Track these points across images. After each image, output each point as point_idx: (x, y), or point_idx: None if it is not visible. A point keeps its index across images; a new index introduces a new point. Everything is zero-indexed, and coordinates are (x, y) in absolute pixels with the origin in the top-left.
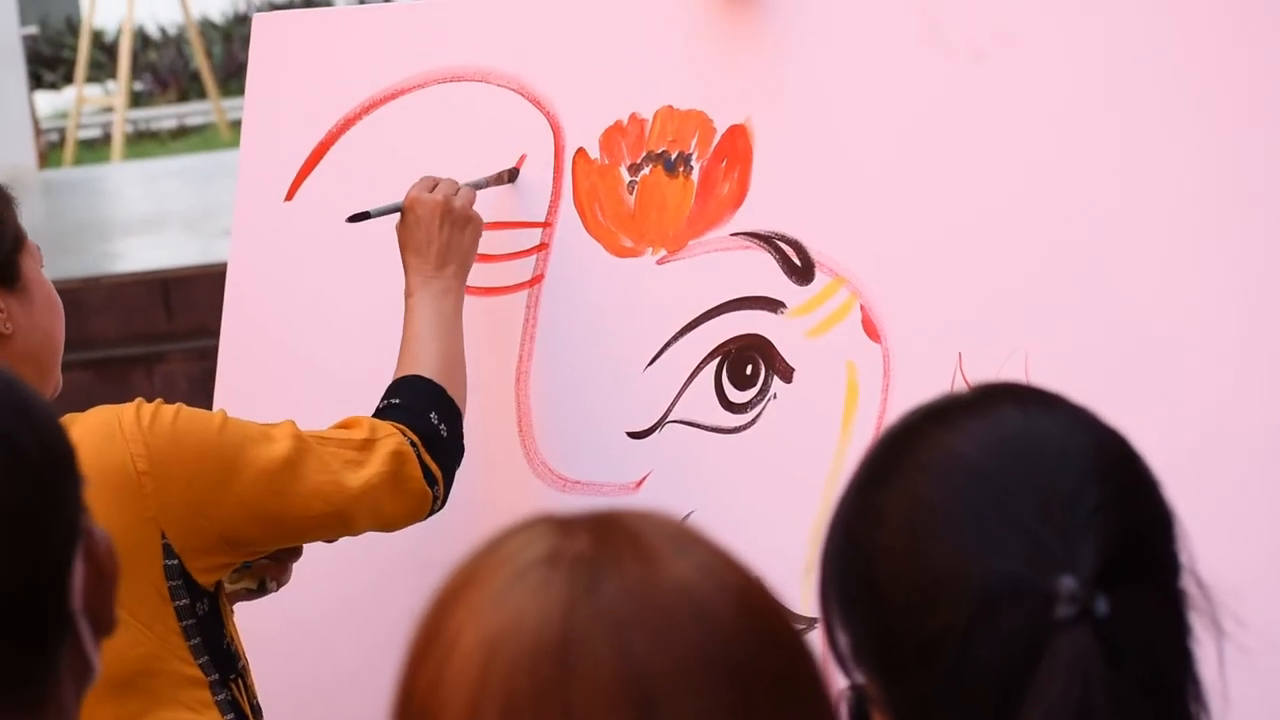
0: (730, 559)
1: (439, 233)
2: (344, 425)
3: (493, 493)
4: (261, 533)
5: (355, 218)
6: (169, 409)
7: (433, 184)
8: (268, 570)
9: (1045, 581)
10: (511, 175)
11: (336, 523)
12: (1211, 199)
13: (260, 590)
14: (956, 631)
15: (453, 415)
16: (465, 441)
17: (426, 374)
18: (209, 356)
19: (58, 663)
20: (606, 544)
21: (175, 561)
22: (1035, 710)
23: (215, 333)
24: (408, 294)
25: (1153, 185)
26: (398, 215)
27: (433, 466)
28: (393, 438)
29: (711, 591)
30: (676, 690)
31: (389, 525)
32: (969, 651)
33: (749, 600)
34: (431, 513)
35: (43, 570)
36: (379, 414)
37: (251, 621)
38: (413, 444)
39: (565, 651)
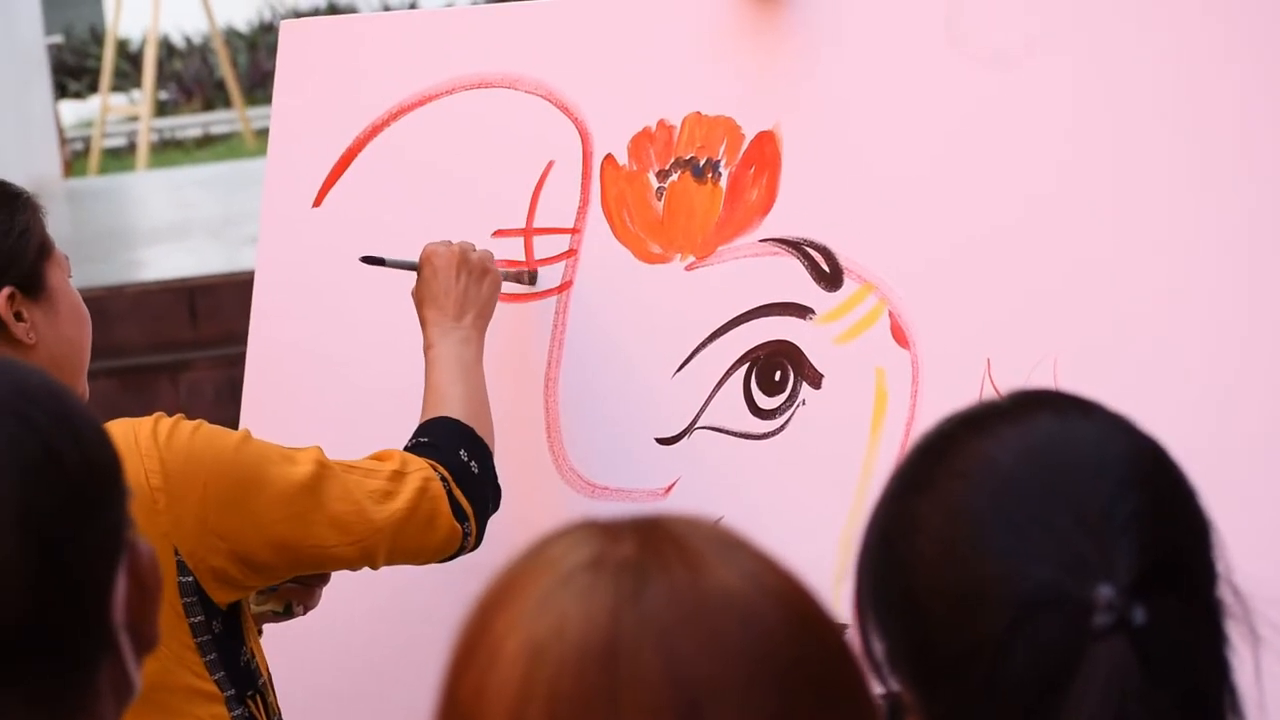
0: (775, 564)
1: (456, 283)
2: (375, 457)
3: (521, 499)
4: (280, 558)
5: (369, 260)
6: (188, 424)
7: (446, 243)
8: (294, 594)
9: (1082, 590)
10: (531, 277)
11: (358, 554)
12: (1243, 205)
13: (286, 614)
14: (993, 640)
15: (483, 454)
16: (495, 448)
17: (455, 415)
18: (234, 364)
19: (97, 678)
20: (652, 549)
21: (190, 579)
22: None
23: (241, 340)
24: (427, 347)
25: (1181, 191)
26: (414, 275)
27: (463, 503)
28: (422, 471)
29: (757, 597)
30: (722, 696)
31: (414, 560)
32: (1006, 660)
33: (794, 606)
34: (462, 551)
35: (83, 584)
36: (409, 451)
37: (278, 631)
38: (443, 479)
39: (611, 657)
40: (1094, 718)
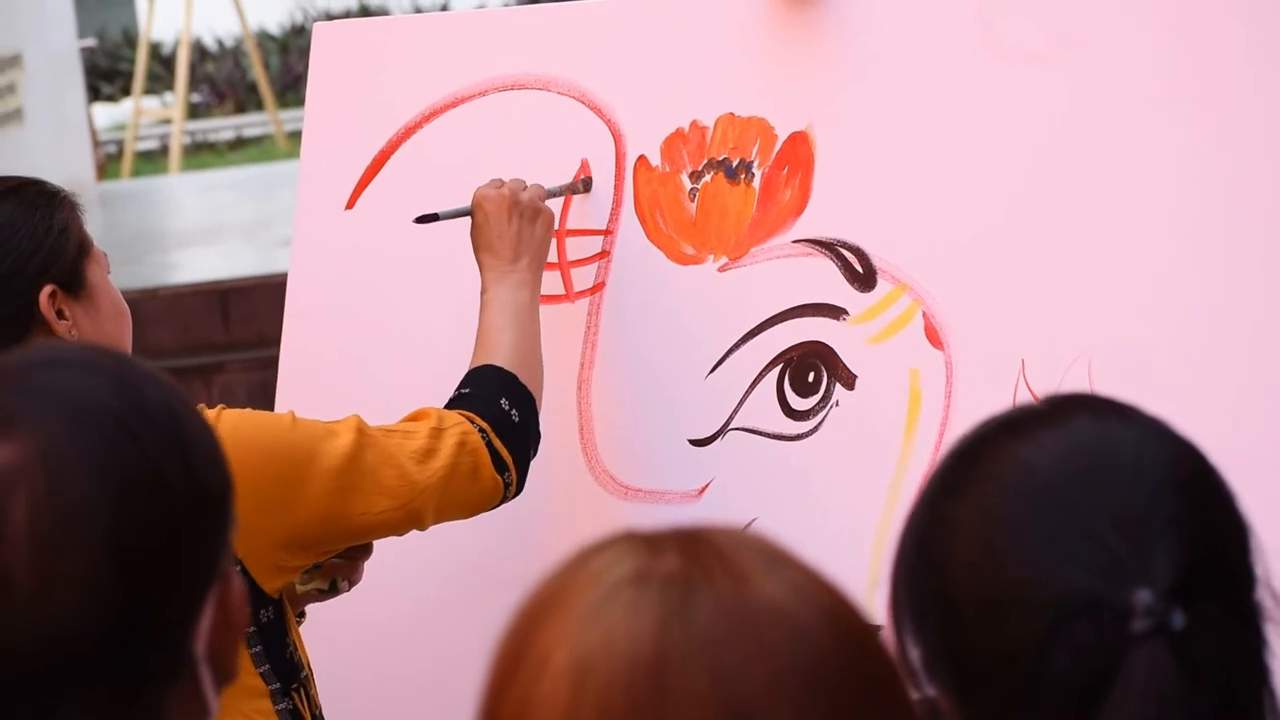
0: (820, 578)
1: (509, 226)
2: (412, 417)
3: (555, 501)
4: (328, 531)
5: (423, 219)
6: (233, 413)
7: (499, 183)
8: (339, 569)
9: (1121, 595)
10: (586, 184)
11: (405, 517)
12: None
13: (332, 590)
14: (1031, 645)
15: (525, 401)
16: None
17: (499, 363)
18: (268, 367)
19: (165, 702)
20: (697, 563)
21: (238, 567)
22: None
23: (274, 343)
24: (483, 290)
25: (1219, 190)
26: (468, 220)
27: (503, 453)
28: (459, 426)
29: (804, 611)
30: (771, 711)
31: (459, 514)
32: (1044, 666)
33: (841, 620)
34: (505, 500)
35: (166, 609)
36: (450, 404)
37: (317, 630)
38: (482, 431)
39: (660, 672)
40: None
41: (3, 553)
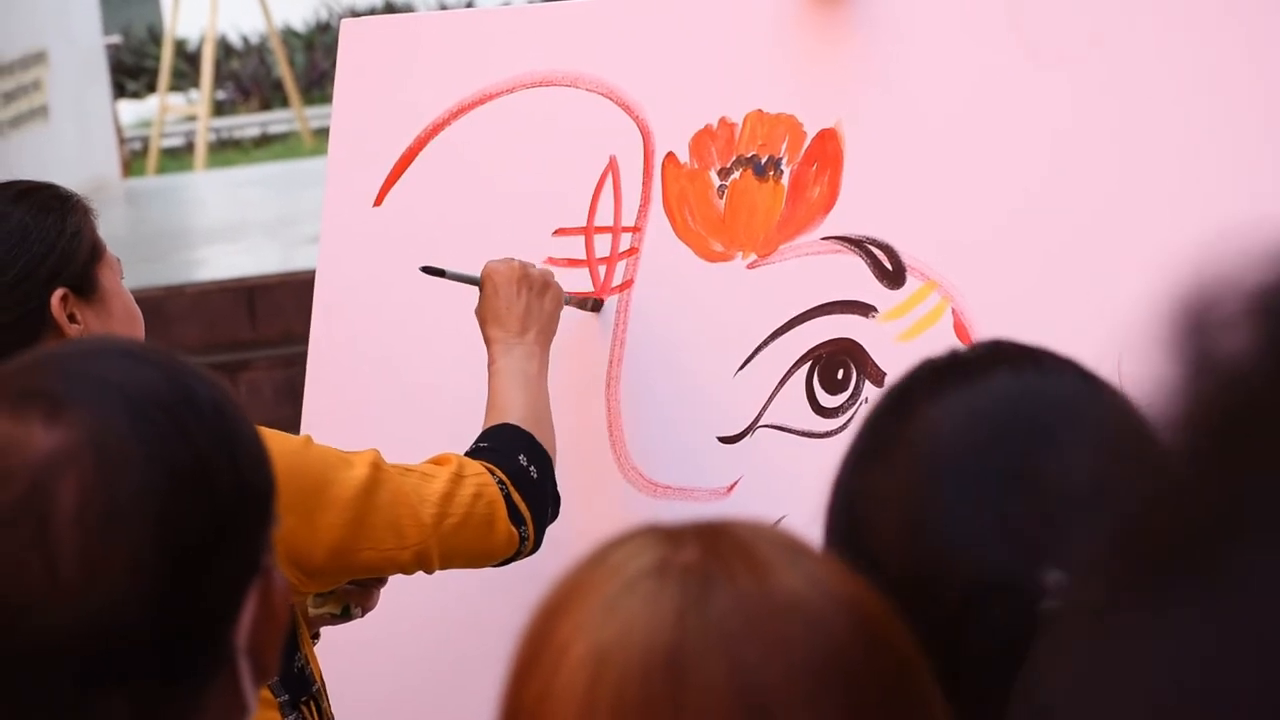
0: (840, 570)
1: (518, 298)
2: (434, 461)
3: (584, 498)
4: (334, 563)
5: (430, 270)
6: None
7: (510, 260)
8: (351, 596)
9: (1031, 575)
10: (596, 305)
11: (412, 558)
12: None
13: (344, 616)
14: (949, 622)
15: (543, 461)
16: (557, 447)
17: (514, 422)
18: (293, 364)
19: (205, 694)
20: (716, 555)
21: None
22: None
23: (299, 340)
24: (490, 362)
25: (1251, 191)
26: (477, 291)
27: (521, 506)
28: (479, 476)
29: (823, 603)
30: (789, 703)
31: (470, 564)
32: (962, 641)
33: (861, 612)
34: (519, 556)
35: (209, 601)
36: (468, 456)
37: (333, 636)
38: (500, 484)
39: (677, 663)
40: None
41: (49, 536)
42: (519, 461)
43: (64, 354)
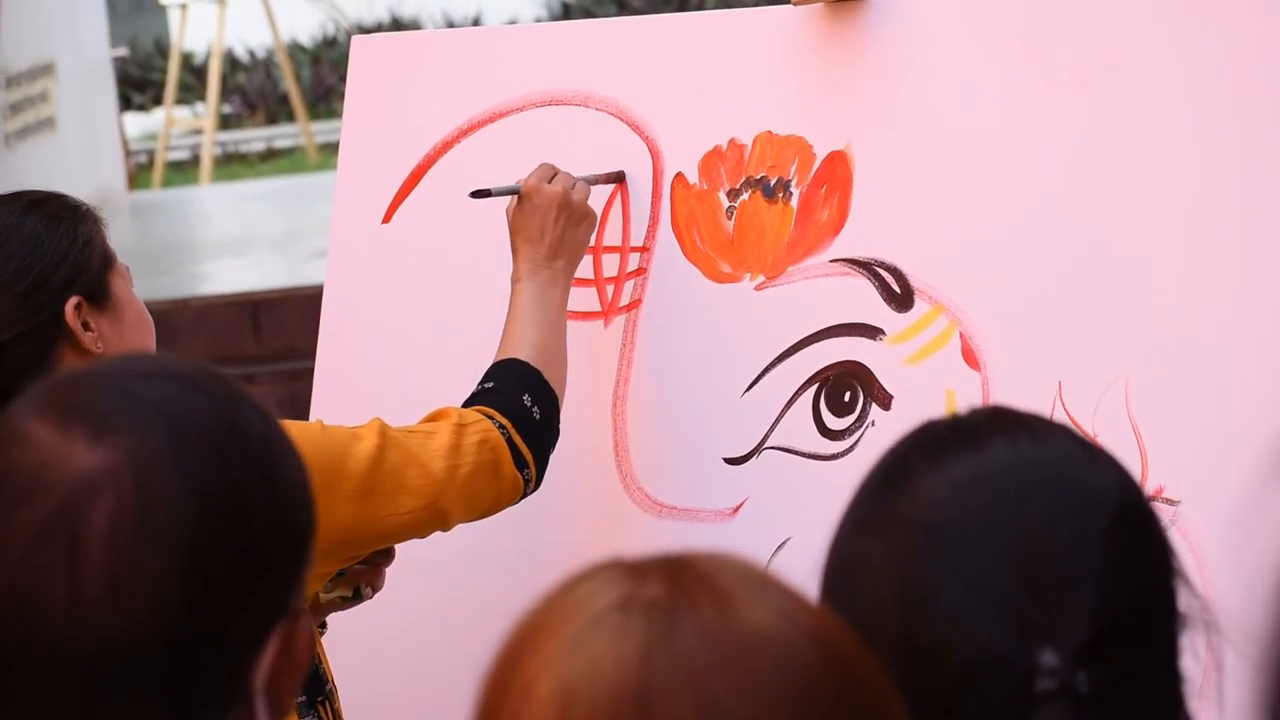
0: (806, 601)
1: (554, 224)
2: (431, 417)
3: (589, 518)
4: (355, 535)
5: (477, 194)
6: None
7: (551, 173)
8: (361, 576)
9: (1027, 654)
10: (619, 175)
11: (430, 516)
12: None
13: (355, 598)
14: (942, 696)
15: (547, 398)
16: (563, 467)
17: (524, 358)
18: (298, 378)
19: None
20: (681, 588)
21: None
22: None
23: (304, 354)
24: (514, 279)
25: (1259, 214)
26: (513, 200)
27: (523, 449)
28: (480, 424)
29: (791, 635)
30: None
31: (482, 513)
32: (958, 716)
33: (829, 643)
34: (524, 496)
35: (235, 636)
36: (472, 398)
37: (341, 635)
38: (502, 428)
39: (645, 699)
40: None
41: (78, 554)
42: (522, 402)
43: (117, 372)
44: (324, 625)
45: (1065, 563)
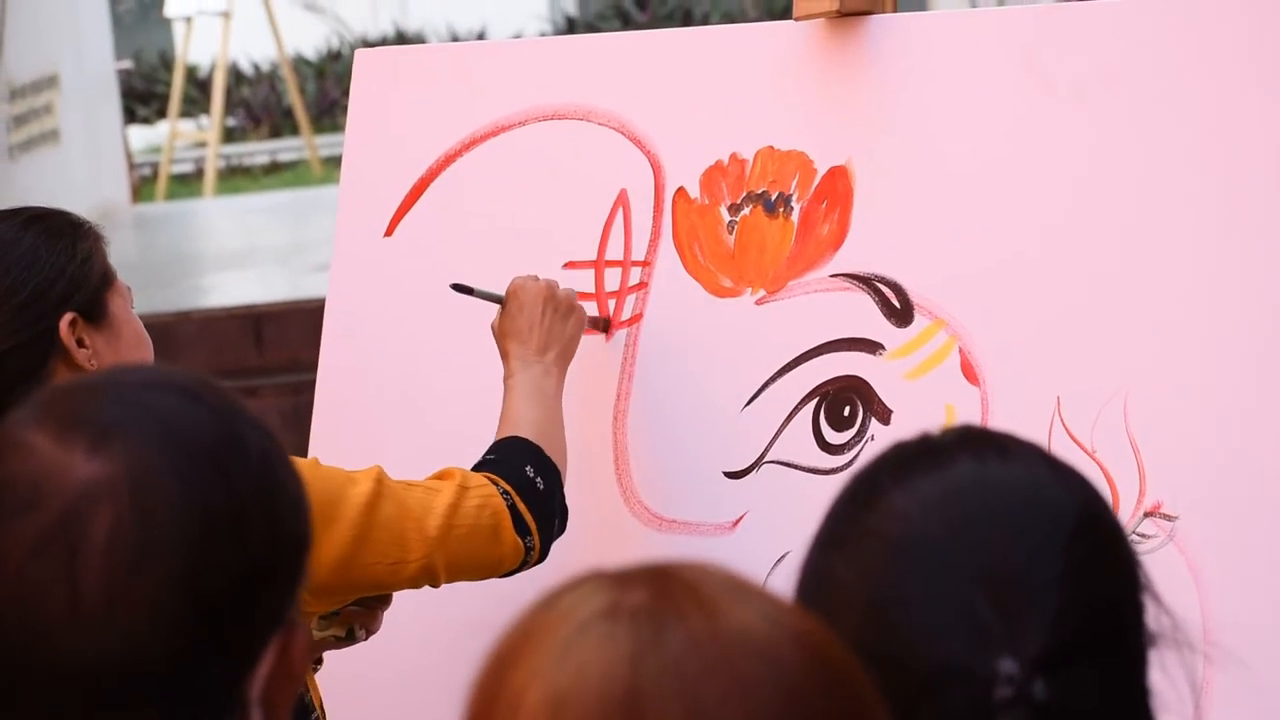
0: (789, 605)
1: (541, 319)
2: (437, 476)
3: (590, 532)
4: (341, 580)
5: (458, 288)
6: None
7: (535, 277)
8: (356, 617)
9: (986, 663)
10: (604, 324)
11: (419, 571)
12: None
13: (349, 638)
14: (904, 707)
15: (551, 471)
16: (564, 480)
17: (524, 435)
18: (300, 391)
19: None
20: (666, 595)
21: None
22: None
23: (306, 367)
24: (507, 376)
25: (1259, 230)
26: (494, 309)
27: (526, 516)
28: (483, 487)
29: (777, 638)
30: None
31: (476, 575)
32: None
33: (814, 646)
34: (525, 566)
35: (233, 647)
36: (475, 468)
37: (335, 667)
38: (505, 493)
39: (634, 705)
40: None
41: (77, 565)
42: (525, 473)
43: (119, 383)
44: (319, 661)
45: (1026, 575)
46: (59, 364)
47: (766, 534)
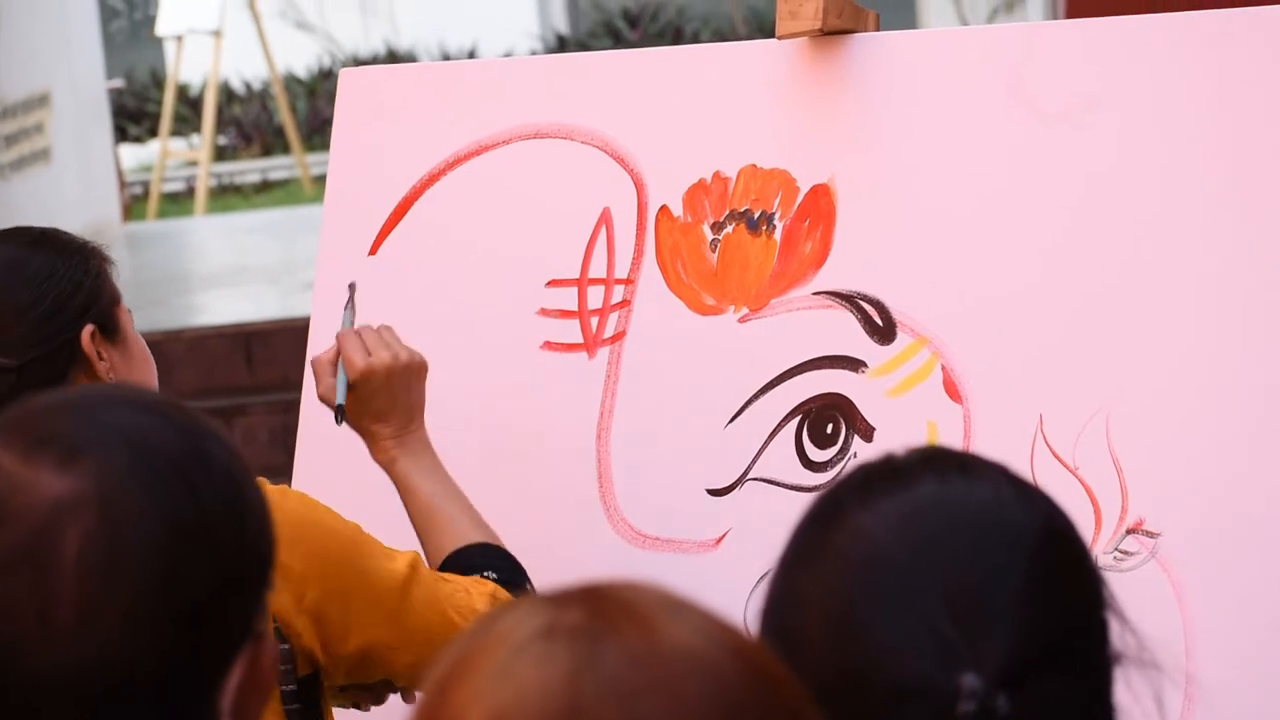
0: (721, 620)
1: (401, 392)
2: (475, 582)
3: (573, 549)
4: (363, 657)
5: (338, 414)
6: (300, 494)
7: (357, 342)
8: (363, 697)
9: (949, 679)
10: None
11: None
12: None
13: (354, 705)
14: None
15: (520, 569)
16: (547, 497)
17: (482, 540)
18: (289, 410)
19: None
20: (601, 614)
21: (286, 646)
22: None
23: (296, 386)
24: (389, 463)
25: (1237, 249)
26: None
27: None
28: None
29: (714, 653)
30: None
31: None
32: None
33: (750, 660)
34: None
35: (203, 659)
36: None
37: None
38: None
39: None
40: None
41: (48, 582)
42: (526, 589)
43: (85, 401)
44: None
45: (987, 593)
46: (79, 375)
47: (750, 551)
